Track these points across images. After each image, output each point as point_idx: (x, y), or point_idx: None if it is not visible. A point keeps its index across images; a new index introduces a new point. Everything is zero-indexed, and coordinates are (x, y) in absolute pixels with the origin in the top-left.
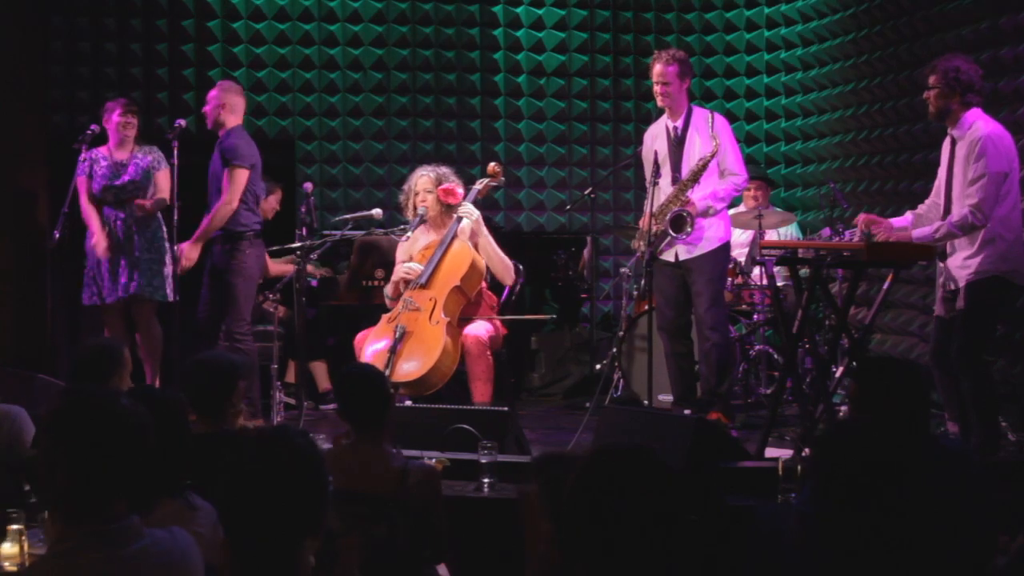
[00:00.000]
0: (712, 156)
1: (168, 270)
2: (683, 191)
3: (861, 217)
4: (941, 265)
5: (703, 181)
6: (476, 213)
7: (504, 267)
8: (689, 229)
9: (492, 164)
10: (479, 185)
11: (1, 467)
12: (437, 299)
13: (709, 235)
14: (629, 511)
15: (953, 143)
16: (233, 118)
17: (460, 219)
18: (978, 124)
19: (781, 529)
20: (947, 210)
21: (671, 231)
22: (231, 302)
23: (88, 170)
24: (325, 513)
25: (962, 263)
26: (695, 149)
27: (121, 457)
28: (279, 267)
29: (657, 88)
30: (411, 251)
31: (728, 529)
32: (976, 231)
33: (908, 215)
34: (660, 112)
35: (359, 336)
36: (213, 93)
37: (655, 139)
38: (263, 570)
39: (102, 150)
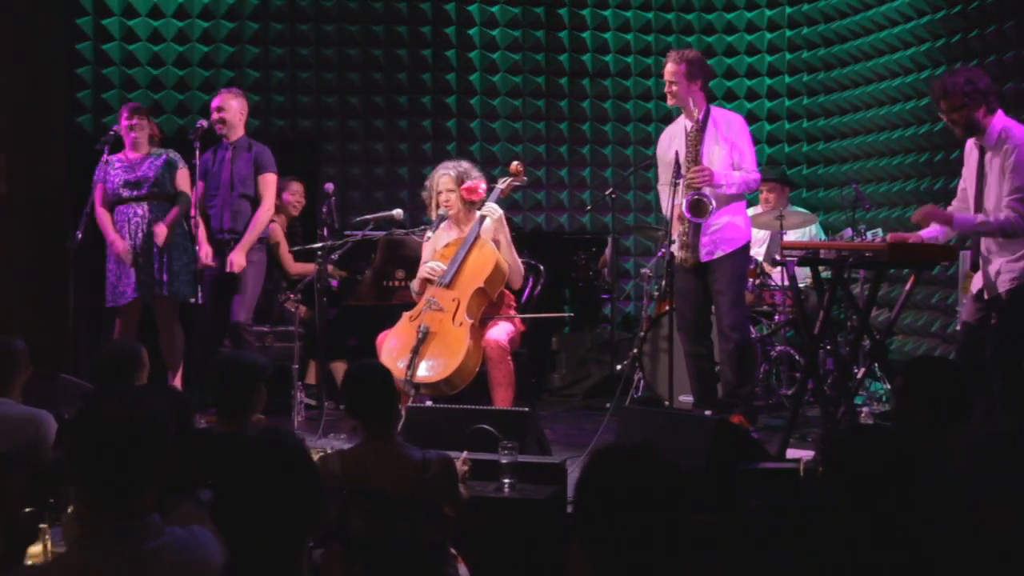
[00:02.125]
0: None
1: (192, 269)
2: (689, 170)
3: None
4: (973, 274)
5: (717, 171)
6: (499, 212)
7: (517, 270)
8: (712, 209)
9: (515, 163)
10: (502, 184)
11: (27, 469)
12: (460, 300)
13: (731, 236)
14: (632, 508)
15: (982, 151)
16: (243, 125)
17: (483, 218)
18: (1009, 131)
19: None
20: None
21: (691, 216)
22: (244, 300)
23: (103, 176)
24: (320, 514)
25: (1005, 268)
26: (711, 149)
27: (144, 454)
28: (301, 266)
29: (665, 87)
30: (435, 249)
31: (748, 530)
32: (1018, 237)
33: (935, 226)
34: (680, 111)
35: (381, 336)
36: (236, 103)
37: (673, 140)
38: (261, 570)
39: (119, 155)
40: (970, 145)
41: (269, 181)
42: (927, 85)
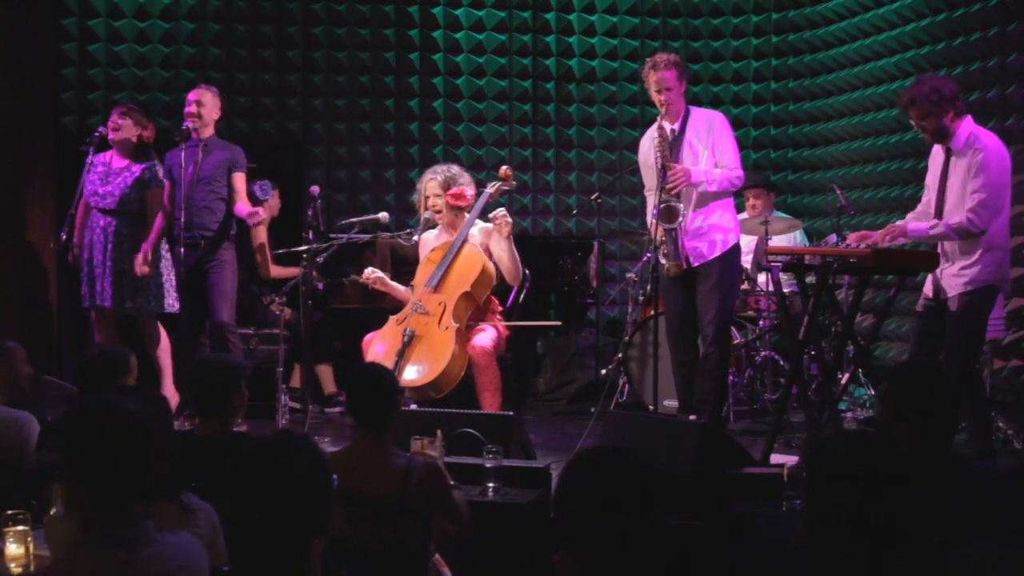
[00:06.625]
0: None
1: (166, 281)
2: (664, 174)
3: (853, 236)
4: (929, 277)
5: (694, 169)
6: (510, 222)
7: (516, 268)
8: (681, 218)
9: (504, 167)
10: (491, 188)
11: (8, 470)
12: (447, 304)
13: (717, 238)
14: (609, 509)
15: (948, 154)
16: (215, 124)
17: (472, 223)
18: (976, 136)
19: (782, 536)
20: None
21: (663, 223)
22: (226, 299)
23: (85, 177)
24: (330, 515)
25: (958, 272)
26: (694, 150)
27: (132, 458)
28: (277, 270)
29: (661, 96)
30: (425, 252)
31: (733, 534)
32: (971, 239)
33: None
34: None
35: (367, 338)
36: (213, 100)
37: (654, 143)
38: (270, 571)
39: (105, 155)
40: (936, 150)
41: (241, 178)
42: (897, 96)
